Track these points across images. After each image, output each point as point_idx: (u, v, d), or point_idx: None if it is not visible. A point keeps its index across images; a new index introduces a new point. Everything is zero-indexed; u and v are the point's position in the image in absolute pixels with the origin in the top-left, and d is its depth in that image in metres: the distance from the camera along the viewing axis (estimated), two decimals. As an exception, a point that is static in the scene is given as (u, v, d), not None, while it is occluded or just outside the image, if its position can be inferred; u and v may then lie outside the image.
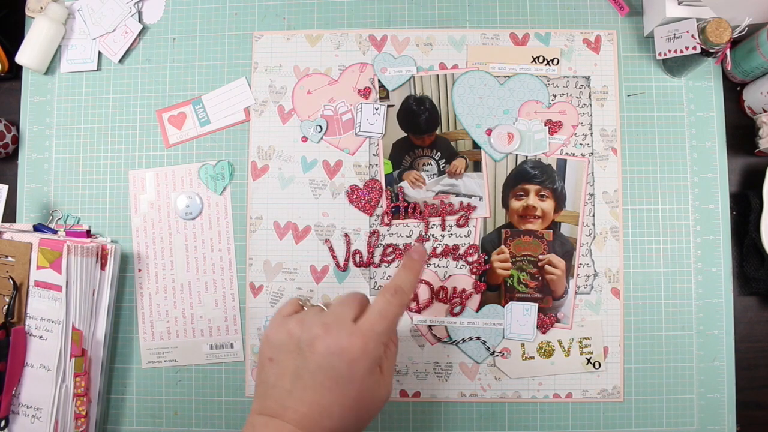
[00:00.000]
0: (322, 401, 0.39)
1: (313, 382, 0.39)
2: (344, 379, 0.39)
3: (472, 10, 0.62)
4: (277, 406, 0.40)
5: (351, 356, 0.39)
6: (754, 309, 0.60)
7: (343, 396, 0.39)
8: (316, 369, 0.39)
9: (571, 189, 0.60)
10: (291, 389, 0.40)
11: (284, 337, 0.42)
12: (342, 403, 0.39)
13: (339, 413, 0.39)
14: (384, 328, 0.41)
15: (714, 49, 0.52)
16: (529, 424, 0.59)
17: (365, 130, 0.61)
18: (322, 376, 0.39)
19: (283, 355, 0.42)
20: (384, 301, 0.43)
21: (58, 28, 0.62)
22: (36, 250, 0.56)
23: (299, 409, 0.39)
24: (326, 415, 0.39)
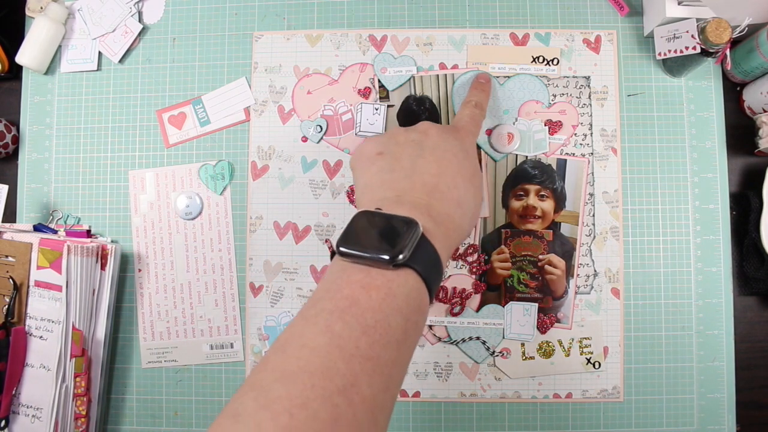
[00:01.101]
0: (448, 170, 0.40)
1: (434, 156, 0.41)
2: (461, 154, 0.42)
3: (472, 10, 0.62)
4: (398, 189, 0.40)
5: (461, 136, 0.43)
6: (754, 309, 0.60)
7: (462, 167, 0.41)
8: (433, 146, 0.41)
9: (571, 189, 0.60)
10: (412, 167, 0.41)
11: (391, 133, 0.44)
12: (464, 175, 0.40)
13: (462, 184, 0.40)
14: (475, 129, 0.46)
15: (714, 49, 0.52)
16: (529, 424, 0.59)
17: (365, 130, 0.61)
18: (441, 150, 0.41)
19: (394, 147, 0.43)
20: (469, 109, 0.49)
21: (58, 28, 0.62)
22: (36, 250, 0.56)
23: (427, 181, 0.39)
24: (452, 185, 0.40)
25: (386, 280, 0.33)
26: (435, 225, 0.38)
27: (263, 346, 0.60)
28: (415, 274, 0.35)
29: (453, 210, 0.40)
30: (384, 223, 0.36)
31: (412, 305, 0.34)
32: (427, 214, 0.38)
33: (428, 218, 0.38)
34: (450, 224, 0.39)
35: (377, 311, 0.32)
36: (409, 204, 0.38)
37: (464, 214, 0.40)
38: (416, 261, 0.34)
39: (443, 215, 0.39)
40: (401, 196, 0.39)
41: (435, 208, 0.39)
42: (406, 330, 0.33)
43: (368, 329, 0.31)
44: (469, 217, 0.41)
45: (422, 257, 0.35)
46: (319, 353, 0.30)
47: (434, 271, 0.36)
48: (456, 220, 0.40)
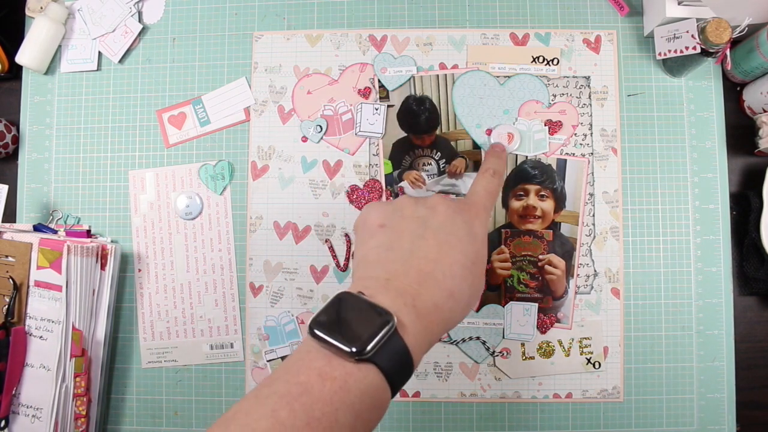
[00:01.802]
0: (446, 258, 0.38)
1: (436, 239, 0.39)
2: (466, 238, 0.39)
3: (472, 10, 0.62)
4: (390, 272, 0.38)
5: (470, 216, 0.41)
6: (754, 309, 0.60)
7: (464, 255, 0.39)
8: (438, 226, 0.39)
9: (571, 189, 0.60)
10: (411, 249, 0.39)
11: (399, 205, 0.42)
12: (463, 263, 0.38)
13: (460, 273, 0.38)
14: (490, 204, 0.44)
15: (714, 49, 0.52)
16: (529, 424, 0.59)
17: (365, 130, 0.61)
18: (445, 233, 0.39)
19: (398, 221, 0.41)
20: (486, 179, 0.47)
21: (58, 28, 0.62)
22: (36, 250, 0.56)
23: (423, 268, 0.38)
24: (449, 274, 0.38)
25: (344, 372, 0.33)
26: (416, 318, 0.36)
27: (263, 346, 0.60)
28: (377, 370, 0.33)
29: (443, 301, 0.38)
30: (360, 310, 0.35)
31: (367, 402, 0.33)
32: (411, 305, 0.36)
33: (411, 310, 0.36)
34: (436, 316, 0.37)
35: (327, 404, 0.31)
36: (396, 291, 0.37)
37: (455, 306, 0.39)
38: (381, 357, 0.33)
39: (430, 306, 0.37)
40: (391, 279, 0.38)
41: (423, 298, 0.37)
42: (354, 427, 0.32)
43: (313, 421, 0.31)
44: (461, 308, 0.39)
45: (389, 353, 0.34)
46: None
47: (401, 367, 0.35)
48: (444, 311, 0.38)
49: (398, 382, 0.35)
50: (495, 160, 0.51)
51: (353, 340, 0.33)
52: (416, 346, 0.36)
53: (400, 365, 0.35)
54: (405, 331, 0.35)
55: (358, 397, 0.32)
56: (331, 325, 0.34)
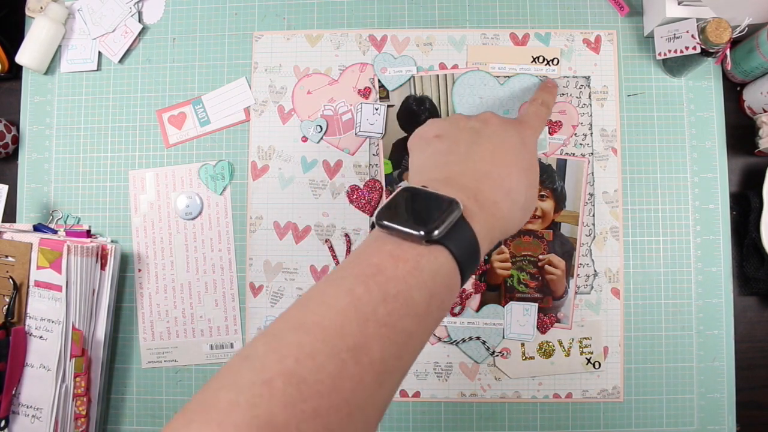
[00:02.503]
0: (502, 161, 0.40)
1: (490, 144, 0.41)
2: (519, 145, 0.41)
3: (472, 10, 0.62)
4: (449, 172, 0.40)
5: (521, 129, 0.43)
6: (754, 309, 0.60)
7: (519, 160, 0.41)
8: (492, 135, 0.41)
9: (571, 189, 0.60)
10: (467, 152, 0.40)
11: (453, 118, 0.44)
12: (519, 166, 0.40)
13: (516, 175, 0.40)
14: (539, 125, 0.46)
15: (714, 49, 0.52)
16: (529, 424, 0.59)
17: (365, 130, 0.61)
18: (499, 140, 0.41)
19: (454, 131, 0.43)
20: (536, 107, 0.49)
21: (58, 28, 0.62)
22: (36, 250, 0.56)
23: (480, 168, 0.39)
24: (505, 174, 0.39)
25: (416, 253, 0.34)
26: (479, 209, 0.38)
27: (263, 346, 0.60)
28: (447, 252, 0.35)
29: (502, 198, 0.39)
30: (425, 200, 0.36)
31: (439, 282, 0.34)
32: (473, 197, 0.38)
33: (473, 202, 0.38)
34: (496, 211, 0.39)
35: (401, 282, 0.32)
36: (457, 186, 0.39)
37: (513, 205, 0.40)
38: (450, 240, 0.35)
39: (490, 201, 0.39)
40: (451, 177, 0.40)
41: (483, 193, 0.39)
42: (429, 305, 0.33)
43: (389, 298, 0.32)
44: (519, 209, 0.41)
45: (458, 237, 0.35)
46: (336, 312, 0.31)
47: (469, 252, 0.36)
48: (503, 209, 0.39)
49: (467, 268, 0.36)
50: (545, 93, 0.53)
51: (422, 224, 0.34)
52: (481, 235, 0.37)
53: (469, 250, 0.36)
54: (471, 219, 0.36)
55: (430, 276, 0.33)
56: (398, 214, 0.35)
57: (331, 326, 0.30)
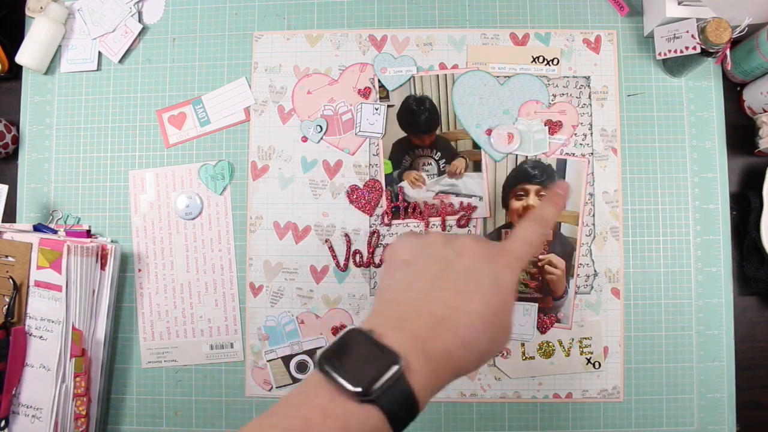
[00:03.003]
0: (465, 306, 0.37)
1: (455, 284, 0.37)
2: (490, 288, 0.37)
3: (472, 10, 0.62)
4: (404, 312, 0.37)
5: (499, 266, 0.38)
6: (754, 309, 0.60)
7: (484, 305, 0.37)
8: (462, 271, 0.38)
9: (571, 189, 0.60)
10: (429, 291, 0.38)
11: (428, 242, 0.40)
12: (482, 313, 0.37)
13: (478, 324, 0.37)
14: (527, 254, 0.41)
15: (714, 49, 0.52)
16: (529, 424, 0.59)
17: (365, 130, 0.61)
18: (467, 279, 0.37)
19: (423, 259, 0.40)
20: (529, 228, 0.42)
21: (58, 28, 0.62)
22: (36, 250, 0.56)
23: (438, 311, 0.36)
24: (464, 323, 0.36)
25: (347, 411, 0.32)
26: (425, 362, 0.35)
27: (263, 346, 0.60)
28: (379, 413, 0.33)
29: (455, 349, 0.36)
30: (369, 349, 0.35)
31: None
32: (421, 348, 0.35)
33: (420, 354, 0.35)
34: (445, 363, 0.36)
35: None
36: (407, 332, 0.36)
37: (467, 356, 0.37)
38: (386, 400, 0.33)
39: (441, 353, 0.36)
40: (402, 320, 0.37)
41: (434, 343, 0.36)
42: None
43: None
44: (474, 358, 0.38)
45: (394, 397, 0.33)
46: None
47: (405, 413, 0.35)
48: (456, 359, 0.37)
49: (400, 426, 0.35)
50: (548, 205, 0.45)
51: (359, 379, 0.33)
52: (422, 391, 0.35)
53: (404, 409, 0.35)
54: (412, 375, 0.35)
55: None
56: (339, 361, 0.34)
57: None
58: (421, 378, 0.35)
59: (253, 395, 0.60)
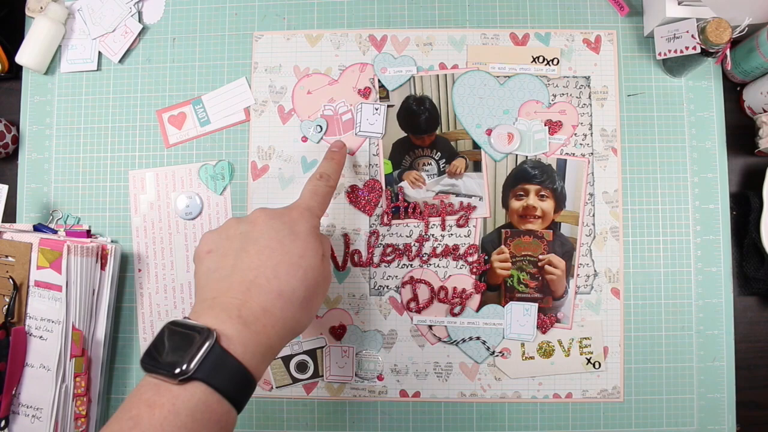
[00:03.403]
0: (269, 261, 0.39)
1: (256, 248, 0.40)
2: (287, 237, 0.40)
3: (472, 10, 0.62)
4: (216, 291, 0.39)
5: (291, 218, 0.42)
6: (754, 309, 0.60)
7: (288, 253, 0.39)
8: (259, 236, 0.40)
9: (571, 189, 0.60)
10: (235, 264, 0.40)
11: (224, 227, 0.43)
12: (289, 261, 0.39)
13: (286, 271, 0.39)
14: (316, 204, 0.44)
15: (714, 49, 0.52)
16: (529, 424, 0.59)
17: (365, 130, 0.61)
18: (266, 239, 0.40)
19: (223, 242, 0.42)
20: (312, 183, 0.47)
21: (58, 28, 0.62)
22: (36, 250, 0.56)
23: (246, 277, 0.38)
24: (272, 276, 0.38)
25: (172, 396, 0.33)
26: (243, 327, 0.36)
27: (263, 346, 0.60)
28: (204, 386, 0.34)
29: (272, 303, 0.38)
30: (182, 334, 0.35)
31: (201, 419, 0.33)
32: (236, 316, 0.37)
33: (236, 321, 0.36)
34: (268, 320, 0.38)
35: (158, 430, 0.32)
36: (220, 307, 0.37)
37: (288, 303, 0.39)
38: (206, 373, 0.34)
39: (258, 312, 0.37)
40: (217, 298, 0.38)
41: (249, 305, 0.37)
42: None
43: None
44: (298, 306, 0.39)
45: (215, 368, 0.34)
46: None
47: (233, 380, 0.35)
48: (276, 312, 0.38)
49: (236, 393, 0.35)
50: (326, 163, 0.52)
51: (176, 364, 0.34)
52: (249, 355, 0.36)
53: (230, 376, 0.35)
54: (231, 342, 0.35)
55: (189, 416, 0.33)
56: (157, 353, 0.35)
57: None
58: (243, 342, 0.36)
59: (253, 395, 0.60)
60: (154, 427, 0.32)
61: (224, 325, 0.36)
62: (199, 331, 0.35)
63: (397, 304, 0.60)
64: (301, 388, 0.60)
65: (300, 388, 0.60)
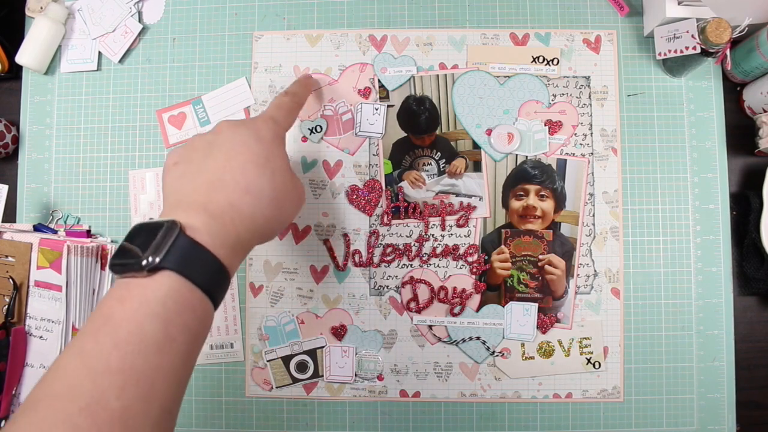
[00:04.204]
0: (235, 162, 0.39)
1: (222, 151, 0.40)
2: (253, 141, 0.41)
3: (472, 10, 0.62)
4: (182, 194, 0.40)
5: (255, 125, 0.42)
6: (754, 309, 0.60)
7: (254, 154, 0.40)
8: (224, 141, 0.41)
9: (571, 189, 0.60)
10: (200, 169, 0.40)
11: (189, 141, 0.43)
12: (255, 161, 0.40)
13: (253, 170, 0.40)
14: (280, 115, 0.44)
15: (714, 49, 0.52)
16: (529, 424, 0.59)
17: (365, 130, 0.61)
18: (230, 143, 0.41)
19: (189, 152, 0.42)
20: (278, 99, 0.48)
21: (58, 28, 0.62)
22: (36, 250, 0.56)
23: (213, 177, 0.39)
24: (239, 173, 0.39)
25: (141, 288, 0.33)
26: (209, 218, 0.37)
27: (263, 346, 0.60)
28: (174, 275, 0.34)
29: (239, 198, 0.39)
30: (147, 231, 0.36)
31: (173, 307, 0.33)
32: (202, 210, 0.37)
33: (202, 214, 0.37)
34: (234, 213, 0.38)
35: (131, 321, 0.32)
36: (186, 205, 0.38)
37: (256, 200, 0.39)
38: (173, 261, 0.34)
39: (225, 206, 0.38)
40: (182, 199, 0.39)
41: (215, 201, 0.38)
42: (167, 334, 0.33)
43: (120, 343, 0.32)
44: (267, 203, 0.40)
45: (182, 255, 0.34)
46: (66, 375, 0.31)
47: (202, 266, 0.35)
48: (244, 208, 0.39)
49: (208, 283, 0.35)
50: (295, 84, 0.52)
51: (142, 257, 0.34)
52: (218, 245, 0.36)
53: (199, 263, 0.35)
54: (197, 232, 0.36)
55: (160, 305, 0.33)
56: (124, 254, 0.35)
57: (60, 393, 0.30)
58: (210, 232, 0.36)
59: (253, 395, 0.60)
60: (126, 319, 0.32)
61: (189, 218, 0.36)
62: (162, 224, 0.35)
63: (397, 304, 0.60)
64: (301, 388, 0.60)
65: (300, 388, 0.60)
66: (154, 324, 0.33)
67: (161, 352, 0.32)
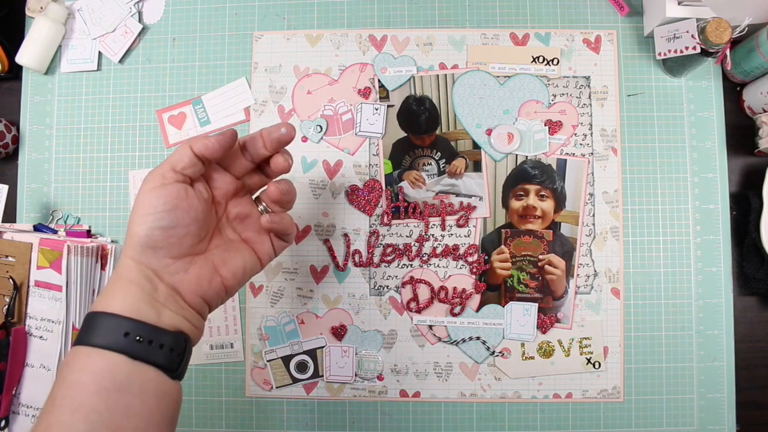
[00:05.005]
0: (142, 207, 0.44)
1: (138, 201, 0.44)
2: (151, 182, 0.44)
3: (472, 10, 0.62)
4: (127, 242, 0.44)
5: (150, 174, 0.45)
6: (754, 309, 0.60)
7: (156, 197, 0.44)
8: (139, 194, 0.45)
9: (571, 189, 0.60)
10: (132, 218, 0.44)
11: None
12: (155, 204, 0.43)
13: (154, 212, 0.43)
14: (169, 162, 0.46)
15: (714, 49, 0.52)
16: (529, 424, 0.59)
17: (365, 130, 0.61)
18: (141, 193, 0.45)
19: None
20: (179, 147, 0.47)
21: (58, 28, 0.62)
22: (36, 250, 0.56)
23: (133, 227, 0.43)
24: (151, 211, 0.43)
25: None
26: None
27: (263, 346, 0.60)
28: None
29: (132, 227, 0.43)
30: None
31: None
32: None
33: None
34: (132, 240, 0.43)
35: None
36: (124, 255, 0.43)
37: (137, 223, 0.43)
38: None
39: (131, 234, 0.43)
40: (126, 246, 0.44)
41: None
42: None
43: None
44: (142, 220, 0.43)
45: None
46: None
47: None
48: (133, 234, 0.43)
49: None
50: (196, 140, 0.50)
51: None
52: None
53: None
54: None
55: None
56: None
57: None
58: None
59: (253, 395, 0.60)
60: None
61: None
62: None
63: (397, 304, 0.60)
64: (301, 388, 0.60)
65: (300, 388, 0.60)
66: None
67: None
